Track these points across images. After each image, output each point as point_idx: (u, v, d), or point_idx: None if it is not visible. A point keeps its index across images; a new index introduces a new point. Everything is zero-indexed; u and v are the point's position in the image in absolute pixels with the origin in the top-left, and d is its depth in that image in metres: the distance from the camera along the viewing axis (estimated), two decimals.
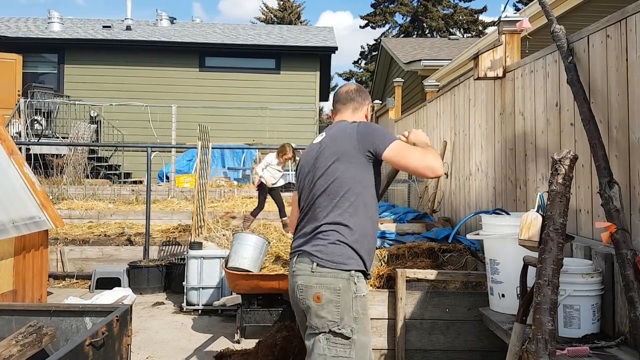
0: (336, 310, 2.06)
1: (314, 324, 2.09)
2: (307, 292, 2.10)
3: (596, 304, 2.24)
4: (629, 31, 2.25)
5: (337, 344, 2.05)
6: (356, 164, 2.19)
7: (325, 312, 2.06)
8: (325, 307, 2.06)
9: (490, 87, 3.96)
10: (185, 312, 5.31)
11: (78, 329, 2.65)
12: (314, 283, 2.09)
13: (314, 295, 2.07)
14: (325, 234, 2.14)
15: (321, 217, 2.18)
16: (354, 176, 2.18)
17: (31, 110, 12.00)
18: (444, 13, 30.89)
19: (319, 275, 2.10)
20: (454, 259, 3.63)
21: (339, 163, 2.20)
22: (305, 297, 2.11)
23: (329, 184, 2.19)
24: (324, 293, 2.07)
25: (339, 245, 2.12)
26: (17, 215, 4.14)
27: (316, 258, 2.11)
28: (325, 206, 2.18)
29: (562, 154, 2.06)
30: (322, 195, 2.20)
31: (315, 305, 2.07)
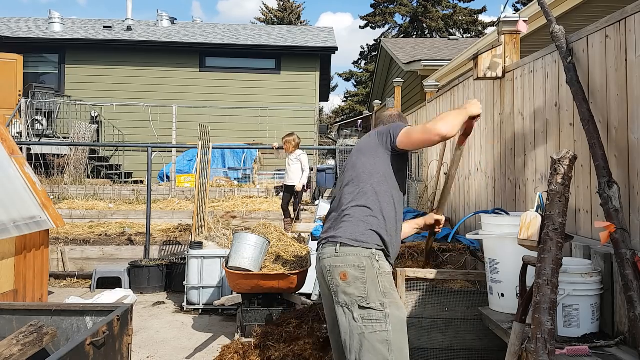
0: (362, 286, 2.19)
1: (342, 301, 2.21)
2: (334, 272, 2.24)
3: (595, 303, 2.25)
4: (628, 32, 2.26)
5: (372, 319, 2.17)
6: (374, 155, 2.42)
7: (353, 288, 2.19)
8: (352, 284, 2.19)
9: (489, 87, 3.96)
10: (185, 311, 5.31)
11: (79, 328, 2.66)
12: (339, 262, 2.24)
13: (341, 273, 2.21)
14: (347, 216, 2.33)
15: (344, 203, 2.38)
16: (372, 165, 2.40)
17: (32, 110, 12.02)
18: (444, 13, 30.89)
19: (343, 255, 2.25)
20: (453, 258, 3.63)
21: (363, 157, 2.45)
22: (333, 277, 2.25)
23: (354, 176, 2.41)
24: (349, 271, 2.21)
25: (358, 226, 2.29)
26: (18, 215, 4.15)
27: (339, 238, 2.28)
28: (349, 194, 2.39)
29: (562, 153, 2.06)
30: (347, 186, 2.42)
31: (342, 282, 2.21)
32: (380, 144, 2.42)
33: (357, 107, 31.80)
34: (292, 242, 4.58)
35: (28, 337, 2.35)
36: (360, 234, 2.28)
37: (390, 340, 2.19)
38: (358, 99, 33.10)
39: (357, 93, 33.88)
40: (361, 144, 2.57)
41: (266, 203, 8.87)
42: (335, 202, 2.48)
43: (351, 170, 2.47)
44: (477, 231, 2.86)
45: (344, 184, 2.47)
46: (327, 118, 34.99)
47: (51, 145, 11.47)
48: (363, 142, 2.58)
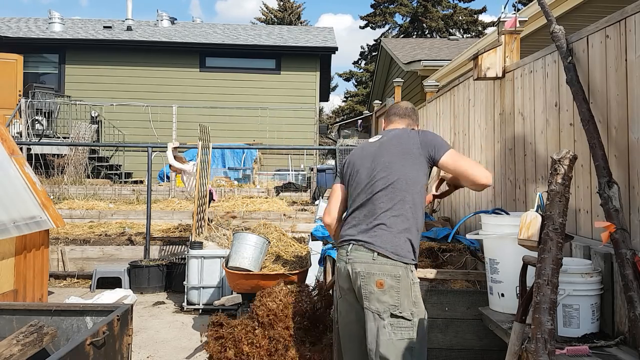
0: (396, 295, 2.25)
1: (374, 307, 2.26)
2: (369, 278, 2.27)
3: (595, 303, 2.25)
4: (628, 32, 2.26)
5: (402, 327, 2.24)
6: (416, 164, 2.39)
7: (387, 296, 2.25)
8: (387, 292, 2.25)
9: (489, 87, 3.96)
10: (185, 311, 5.31)
11: (79, 328, 2.66)
12: (377, 270, 2.27)
13: (377, 281, 2.25)
14: (385, 225, 2.31)
15: (381, 210, 2.34)
16: (414, 175, 2.37)
17: (32, 110, 12.02)
18: (444, 13, 30.89)
19: (380, 264, 2.27)
20: (453, 258, 3.63)
21: (401, 161, 2.39)
22: (367, 283, 2.27)
23: (392, 181, 2.36)
24: (386, 280, 2.25)
25: (398, 239, 2.30)
26: (18, 215, 4.15)
27: (378, 248, 2.28)
28: (386, 201, 2.34)
29: (562, 153, 2.06)
30: (383, 190, 2.36)
31: (377, 290, 2.25)
32: (424, 153, 2.38)
33: (357, 107, 31.80)
34: (292, 242, 4.58)
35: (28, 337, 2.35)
36: (400, 248, 2.29)
37: (415, 347, 2.26)
38: (358, 99, 33.10)
39: (357, 93, 33.88)
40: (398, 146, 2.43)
41: (266, 203, 8.87)
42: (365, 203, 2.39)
43: (385, 172, 2.38)
44: (477, 231, 2.86)
45: (377, 186, 2.37)
46: (327, 118, 34.99)
47: (51, 145, 11.47)
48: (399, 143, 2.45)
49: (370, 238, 2.31)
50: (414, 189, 2.36)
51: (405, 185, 2.35)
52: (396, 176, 2.36)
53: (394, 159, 2.40)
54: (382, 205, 2.34)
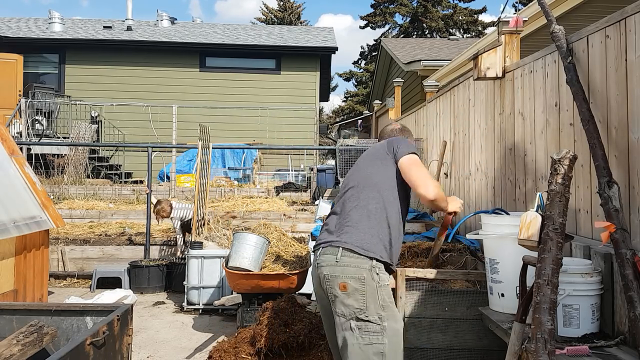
0: (362, 297, 2.16)
1: (340, 311, 2.18)
2: (333, 281, 2.20)
3: (595, 303, 2.25)
4: (628, 32, 2.26)
5: (369, 331, 2.14)
6: (384, 164, 2.41)
7: (352, 300, 2.15)
8: (352, 296, 2.16)
9: (489, 87, 3.96)
10: (185, 311, 5.31)
11: (79, 328, 2.66)
12: (339, 273, 2.19)
13: (340, 284, 2.17)
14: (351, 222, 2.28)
15: (348, 209, 2.34)
16: (382, 173, 2.39)
17: (32, 110, 12.02)
18: (444, 13, 30.89)
19: (343, 265, 2.19)
20: (453, 258, 3.63)
21: (370, 165, 2.45)
22: (332, 287, 2.20)
23: (358, 182, 2.41)
24: (349, 282, 2.16)
25: (365, 234, 2.25)
26: (18, 215, 4.15)
27: (343, 244, 2.22)
28: (353, 200, 2.35)
29: (562, 153, 2.06)
30: (350, 190, 2.39)
31: (341, 293, 2.17)
32: (390, 153, 2.43)
33: (357, 107, 31.80)
34: (292, 242, 4.58)
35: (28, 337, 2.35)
36: (365, 242, 2.23)
37: (385, 352, 2.16)
38: (358, 99, 33.10)
39: (357, 93, 33.88)
40: (370, 151, 2.58)
41: (266, 203, 8.87)
42: (338, 206, 2.42)
43: (357, 174, 2.46)
44: (477, 231, 2.86)
45: (348, 188, 2.43)
46: (327, 118, 34.99)
47: (51, 145, 11.47)
48: (372, 149, 2.59)
49: (337, 237, 2.28)
50: (382, 186, 2.35)
51: (372, 184, 2.36)
52: (363, 177, 2.41)
53: (365, 163, 2.50)
54: (349, 204, 2.35)
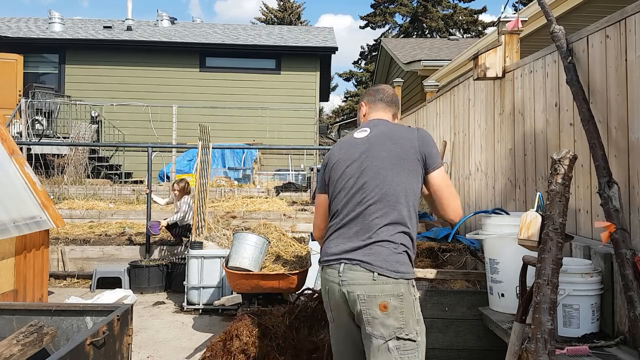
0: (401, 316, 2.01)
1: (378, 333, 2.00)
2: (371, 302, 2.00)
3: (595, 303, 2.25)
4: (628, 32, 2.26)
5: (407, 349, 2.01)
6: (413, 171, 2.11)
7: (392, 319, 2.00)
8: (392, 315, 2.00)
9: (489, 87, 3.96)
10: (185, 311, 5.31)
11: (79, 328, 2.66)
12: (378, 292, 2.00)
13: (381, 304, 1.99)
14: (383, 243, 2.04)
15: (376, 225, 2.06)
16: (411, 183, 2.11)
17: (32, 110, 12.01)
18: (444, 13, 30.90)
19: (382, 284, 2.01)
20: (453, 258, 3.63)
21: (397, 168, 2.10)
22: (369, 307, 2.01)
23: (387, 192, 2.08)
24: (390, 301, 2.00)
25: (398, 255, 2.05)
26: (18, 215, 4.15)
27: (376, 267, 2.01)
28: (382, 215, 2.06)
29: (562, 153, 2.06)
30: (377, 204, 2.07)
31: (381, 314, 1.99)
32: (420, 158, 2.12)
33: (357, 107, 31.76)
34: (292, 242, 4.58)
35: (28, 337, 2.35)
36: (400, 265, 2.04)
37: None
38: (358, 99, 33.08)
39: (357, 93, 33.88)
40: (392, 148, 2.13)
41: (266, 203, 8.87)
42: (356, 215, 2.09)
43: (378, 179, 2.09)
44: (477, 231, 2.87)
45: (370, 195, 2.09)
46: (327, 118, 35.00)
47: (51, 145, 11.46)
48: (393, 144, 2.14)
49: (366, 257, 2.03)
50: (411, 200, 2.10)
51: (402, 197, 2.08)
52: (391, 186, 2.08)
53: (388, 164, 2.10)
54: (377, 220, 2.06)
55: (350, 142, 2.24)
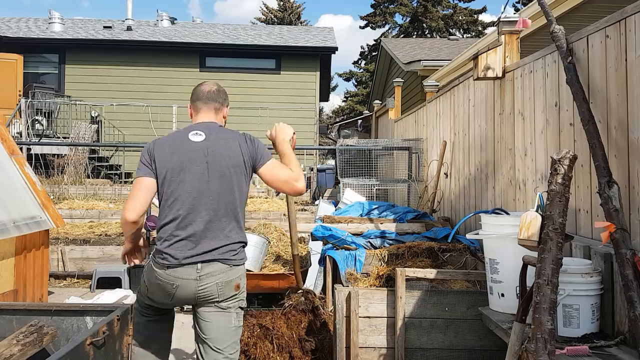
0: (244, 291, 2.49)
1: (225, 305, 2.40)
2: (228, 285, 2.38)
3: (595, 303, 2.25)
4: (628, 31, 2.26)
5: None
6: (246, 177, 2.46)
7: (241, 294, 2.45)
8: (242, 291, 2.46)
9: (489, 87, 3.96)
10: (185, 311, 5.30)
11: (79, 328, 2.65)
12: (234, 277, 2.39)
13: (235, 285, 2.40)
14: (232, 246, 2.39)
15: (225, 229, 2.38)
16: (245, 190, 2.47)
17: (32, 110, 12.01)
18: (444, 13, 30.91)
19: (235, 270, 2.41)
20: (453, 258, 3.64)
21: (235, 176, 2.41)
22: (225, 288, 2.38)
23: (231, 196, 2.39)
24: (241, 281, 2.44)
25: (242, 252, 2.47)
26: (18, 215, 4.15)
27: (230, 261, 2.38)
28: (228, 220, 2.38)
29: (562, 153, 2.06)
30: (224, 208, 2.37)
31: (234, 292, 2.41)
32: (249, 163, 2.45)
33: (357, 107, 31.80)
34: None
35: (28, 337, 2.35)
36: (244, 256, 2.48)
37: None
38: (358, 99, 33.10)
39: (357, 93, 33.89)
40: (228, 156, 2.41)
41: (266, 203, 8.87)
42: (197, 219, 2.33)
43: (226, 186, 2.37)
44: (477, 231, 2.86)
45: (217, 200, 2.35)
46: (327, 118, 35.00)
47: (51, 145, 11.46)
48: (229, 152, 2.42)
49: (221, 255, 2.35)
50: (243, 202, 2.46)
51: (240, 200, 2.42)
52: (234, 191, 2.39)
53: (227, 172, 2.38)
54: (225, 222, 2.37)
55: (185, 141, 2.45)
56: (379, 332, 3.09)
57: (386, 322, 3.09)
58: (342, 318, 3.08)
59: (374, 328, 3.08)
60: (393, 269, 3.23)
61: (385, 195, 8.01)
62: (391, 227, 4.37)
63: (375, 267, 3.54)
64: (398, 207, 5.66)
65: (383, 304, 3.09)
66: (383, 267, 3.52)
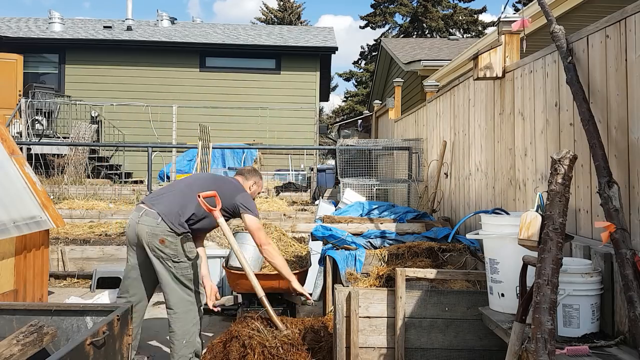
0: (175, 248, 3.30)
1: (157, 255, 3.29)
2: (154, 237, 3.25)
3: (595, 303, 2.25)
4: (629, 31, 2.26)
5: (180, 266, 3.32)
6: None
7: (168, 250, 3.27)
8: (168, 247, 3.27)
9: (489, 87, 3.96)
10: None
11: (79, 328, 2.66)
12: (159, 232, 3.26)
13: (160, 239, 3.24)
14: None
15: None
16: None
17: (32, 110, 12.01)
18: (444, 13, 30.92)
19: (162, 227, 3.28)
20: (453, 258, 3.63)
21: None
22: (152, 241, 3.26)
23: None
24: (167, 238, 3.26)
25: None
26: (18, 215, 4.15)
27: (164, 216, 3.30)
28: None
29: (562, 153, 2.06)
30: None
31: (161, 245, 3.26)
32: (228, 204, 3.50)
33: (357, 107, 31.81)
34: (292, 242, 4.58)
35: (28, 337, 2.35)
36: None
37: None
38: (358, 99, 33.11)
39: (357, 93, 33.89)
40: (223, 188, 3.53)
41: (266, 203, 8.87)
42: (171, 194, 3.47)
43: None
44: (477, 231, 2.86)
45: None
46: (327, 118, 35.01)
47: (51, 145, 11.46)
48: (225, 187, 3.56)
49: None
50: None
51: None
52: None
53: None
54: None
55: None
56: (379, 332, 3.09)
57: (386, 322, 3.09)
58: (342, 318, 3.08)
59: (374, 328, 3.08)
60: (393, 269, 3.23)
61: (385, 195, 8.02)
62: (391, 227, 4.37)
63: (375, 267, 3.54)
64: (398, 207, 5.66)
65: (383, 304, 3.09)
66: (383, 267, 3.52)
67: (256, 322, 3.41)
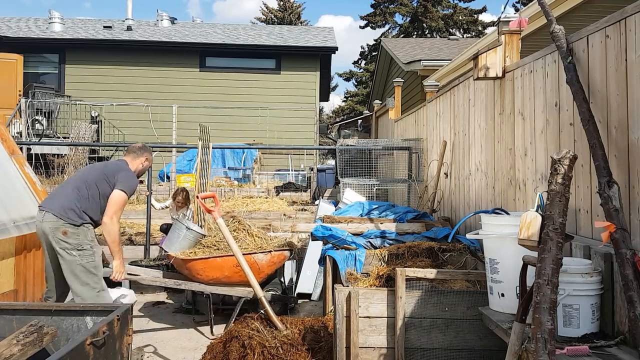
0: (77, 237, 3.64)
1: (62, 247, 3.61)
2: (57, 231, 3.58)
3: (595, 303, 2.25)
4: (629, 31, 2.26)
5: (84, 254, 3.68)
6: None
7: (72, 239, 3.62)
8: (70, 237, 3.61)
9: (489, 87, 3.96)
10: (185, 311, 5.31)
11: (79, 328, 2.66)
12: (60, 224, 3.60)
13: (63, 231, 3.58)
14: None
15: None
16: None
17: (32, 110, 12.01)
18: (444, 13, 30.90)
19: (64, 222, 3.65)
20: (453, 258, 3.64)
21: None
22: (55, 234, 3.59)
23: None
24: (69, 229, 3.61)
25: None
26: (18, 215, 4.15)
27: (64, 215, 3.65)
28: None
29: (562, 153, 2.06)
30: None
31: (64, 237, 3.60)
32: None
33: (357, 107, 31.81)
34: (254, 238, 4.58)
35: (28, 337, 2.35)
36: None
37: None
38: (358, 99, 33.11)
39: (357, 93, 33.89)
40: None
41: (266, 203, 8.87)
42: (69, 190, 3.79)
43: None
44: (477, 231, 2.86)
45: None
46: (327, 118, 35.01)
47: (51, 145, 11.46)
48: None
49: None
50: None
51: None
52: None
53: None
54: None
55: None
56: (379, 332, 3.09)
57: (386, 322, 3.09)
58: (342, 318, 3.08)
59: (374, 328, 3.08)
60: (393, 269, 3.23)
61: (385, 195, 8.01)
62: (391, 227, 4.37)
63: (375, 267, 3.54)
64: (398, 207, 5.66)
65: (383, 304, 3.09)
66: (383, 267, 3.52)
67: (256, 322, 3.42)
